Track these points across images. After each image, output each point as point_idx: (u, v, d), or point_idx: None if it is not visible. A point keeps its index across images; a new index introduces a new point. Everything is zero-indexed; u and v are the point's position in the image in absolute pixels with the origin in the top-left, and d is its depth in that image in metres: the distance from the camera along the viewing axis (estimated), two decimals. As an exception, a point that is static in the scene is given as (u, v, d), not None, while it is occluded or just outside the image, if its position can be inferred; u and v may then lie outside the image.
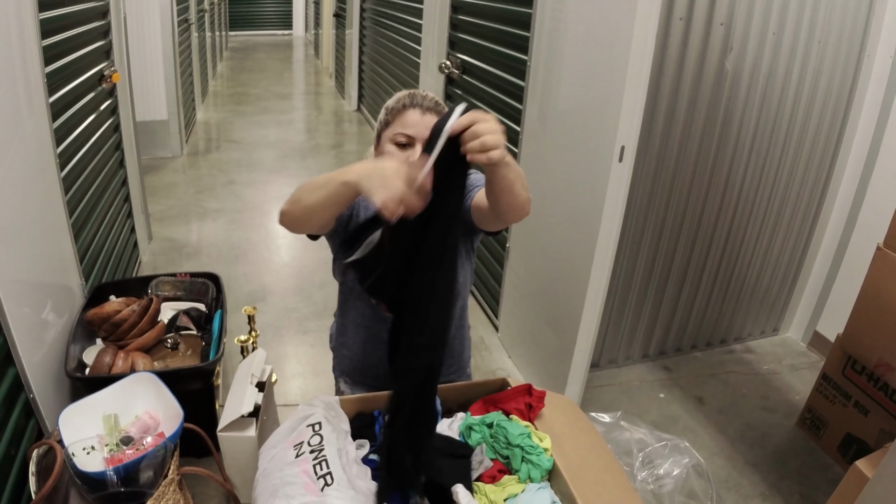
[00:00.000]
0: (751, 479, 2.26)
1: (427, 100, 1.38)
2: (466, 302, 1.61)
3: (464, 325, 1.67)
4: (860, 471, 1.66)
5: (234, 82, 9.27)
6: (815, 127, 2.66)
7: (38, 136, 1.86)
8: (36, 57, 1.87)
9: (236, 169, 5.32)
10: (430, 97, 1.39)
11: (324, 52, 10.33)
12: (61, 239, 2.02)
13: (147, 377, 1.58)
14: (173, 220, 4.20)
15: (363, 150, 6.10)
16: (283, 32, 15.21)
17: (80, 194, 2.36)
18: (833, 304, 2.96)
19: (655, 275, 2.71)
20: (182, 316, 2.16)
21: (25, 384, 1.55)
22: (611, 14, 1.94)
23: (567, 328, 2.32)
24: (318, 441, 1.17)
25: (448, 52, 3.52)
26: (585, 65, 2.12)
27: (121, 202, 3.13)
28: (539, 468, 1.21)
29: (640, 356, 2.93)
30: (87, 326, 1.99)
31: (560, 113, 2.31)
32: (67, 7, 2.32)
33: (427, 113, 1.36)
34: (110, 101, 3.00)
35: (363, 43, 7.03)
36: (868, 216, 2.73)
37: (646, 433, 2.10)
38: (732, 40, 2.30)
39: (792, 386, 2.80)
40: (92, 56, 2.66)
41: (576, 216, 2.23)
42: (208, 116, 7.12)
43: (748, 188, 2.68)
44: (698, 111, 2.38)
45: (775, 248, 2.93)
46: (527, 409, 1.36)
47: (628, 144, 1.96)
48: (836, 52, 2.54)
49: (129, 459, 1.32)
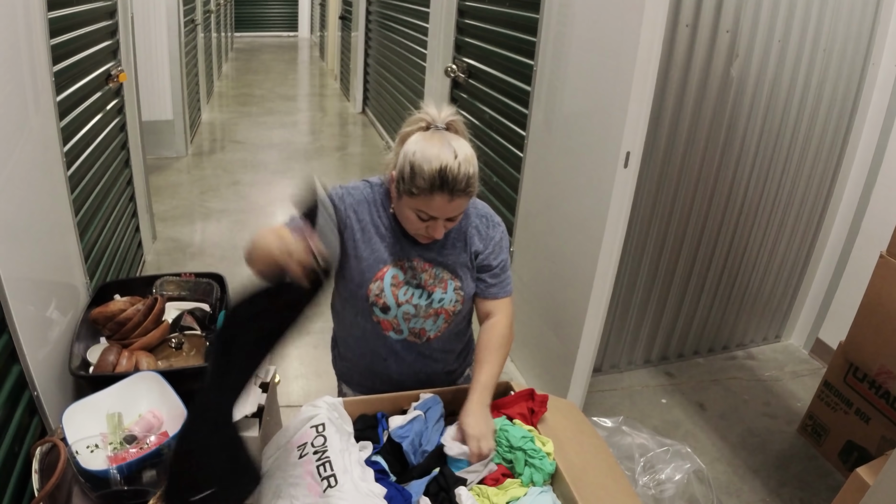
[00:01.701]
0: (752, 485, 2.26)
1: (458, 181, 1.25)
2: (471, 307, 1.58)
3: (469, 329, 1.67)
4: (861, 478, 1.66)
5: (239, 83, 9.29)
6: (819, 134, 2.66)
7: (44, 134, 1.87)
8: (44, 56, 1.88)
9: (241, 169, 5.33)
10: (462, 175, 1.26)
11: (329, 54, 10.35)
12: (67, 237, 2.03)
13: (151, 376, 1.58)
14: (177, 220, 4.21)
15: (367, 153, 6.11)
16: (289, 34, 15.24)
17: (85, 193, 2.36)
18: (835, 311, 2.96)
19: (658, 280, 2.71)
20: (186, 316, 2.16)
21: (30, 382, 1.55)
22: (617, 20, 1.94)
23: (570, 332, 2.32)
24: (322, 442, 1.18)
25: (454, 56, 3.52)
26: (591, 70, 2.12)
27: (126, 201, 3.14)
28: (541, 472, 1.21)
29: (643, 361, 2.93)
30: (91, 325, 1.99)
31: (566, 118, 2.31)
32: (76, 6, 2.33)
33: (456, 198, 1.27)
34: (117, 100, 3.00)
35: (368, 45, 7.04)
36: (871, 224, 2.73)
37: (647, 438, 2.10)
38: (738, 47, 2.31)
39: (793, 392, 2.80)
40: (99, 55, 2.67)
41: (580, 221, 2.23)
42: (213, 117, 7.14)
43: (752, 195, 2.68)
44: (703, 117, 2.38)
45: (778, 255, 2.93)
46: (529, 414, 1.36)
47: (633, 150, 1.96)
48: (840, 60, 2.54)
49: (132, 458, 1.32)
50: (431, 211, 1.28)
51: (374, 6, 6.59)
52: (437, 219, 1.30)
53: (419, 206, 1.29)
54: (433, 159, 1.24)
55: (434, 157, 1.24)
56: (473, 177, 1.28)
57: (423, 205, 1.28)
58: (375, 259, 1.42)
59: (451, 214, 1.31)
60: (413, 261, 1.43)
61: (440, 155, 1.24)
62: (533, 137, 2.58)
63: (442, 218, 1.30)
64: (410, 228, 1.37)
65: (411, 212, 1.31)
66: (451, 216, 1.32)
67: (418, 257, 1.43)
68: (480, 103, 3.20)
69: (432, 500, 1.14)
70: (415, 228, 1.35)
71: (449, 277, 1.44)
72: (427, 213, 1.29)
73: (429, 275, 1.43)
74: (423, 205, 1.28)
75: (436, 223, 1.31)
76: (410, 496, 1.11)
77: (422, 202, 1.28)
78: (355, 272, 1.43)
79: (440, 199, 1.26)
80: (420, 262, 1.43)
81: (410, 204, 1.30)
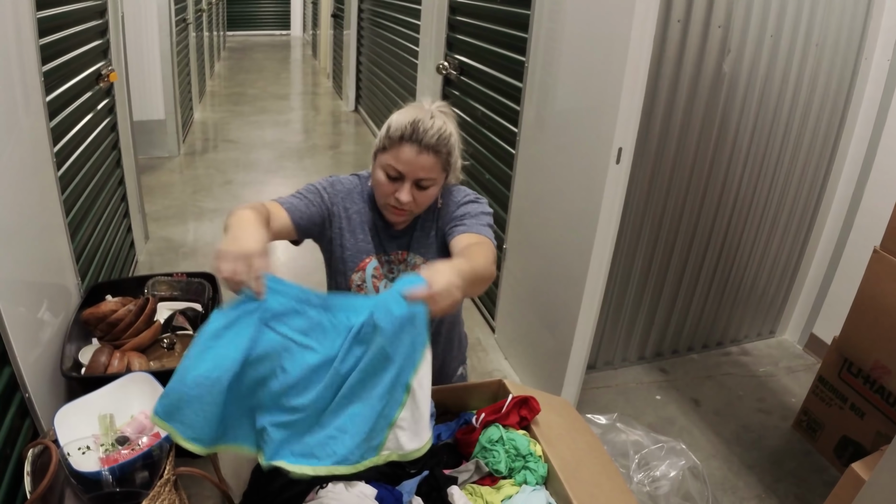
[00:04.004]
0: (747, 481, 2.26)
1: (429, 135, 1.29)
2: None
3: (458, 325, 1.67)
4: (856, 473, 1.67)
5: (231, 82, 9.27)
6: (812, 129, 2.67)
7: (34, 134, 1.85)
8: (33, 55, 1.87)
9: (233, 169, 5.31)
10: (433, 131, 1.29)
11: (321, 53, 10.33)
12: (57, 238, 2.02)
13: (143, 377, 1.57)
14: (170, 220, 4.20)
15: (360, 151, 6.10)
16: (281, 33, 15.21)
17: (76, 193, 2.35)
18: (829, 306, 2.96)
19: (652, 276, 2.71)
20: (178, 316, 2.16)
21: (21, 383, 1.54)
22: (608, 16, 1.94)
23: (564, 329, 2.32)
24: (315, 442, 1.17)
25: (446, 53, 3.51)
26: (583, 66, 2.12)
27: (117, 202, 3.12)
28: (535, 473, 1.21)
29: (637, 358, 2.93)
30: (82, 326, 1.98)
31: (557, 114, 2.31)
32: (65, 6, 2.31)
33: (424, 152, 1.29)
34: (107, 100, 2.99)
35: (361, 44, 7.03)
36: (865, 219, 2.73)
37: (642, 435, 2.10)
38: (730, 43, 2.31)
39: (788, 388, 2.80)
40: (89, 55, 2.66)
41: (573, 217, 2.23)
42: (205, 116, 7.11)
43: (745, 190, 2.68)
44: (696, 113, 2.38)
45: (772, 251, 2.94)
46: (521, 422, 1.36)
47: (625, 146, 1.96)
48: (833, 55, 2.54)
49: (124, 459, 1.32)
50: (399, 164, 1.29)
51: (366, 4, 6.57)
52: (404, 178, 1.30)
53: (388, 161, 1.31)
54: (407, 115, 1.30)
55: (408, 113, 1.31)
56: (446, 137, 1.31)
57: (392, 158, 1.30)
58: (358, 249, 1.43)
59: (418, 173, 1.30)
60: (391, 254, 1.45)
61: (415, 113, 1.31)
62: (525, 134, 2.57)
63: (409, 177, 1.30)
64: (381, 197, 1.36)
65: (381, 172, 1.33)
66: (420, 177, 1.31)
67: (396, 249, 1.46)
68: (472, 100, 3.19)
69: (424, 500, 1.13)
70: (384, 194, 1.34)
71: (422, 262, 1.45)
72: (395, 166, 1.30)
73: (405, 265, 1.45)
74: (392, 158, 1.30)
75: (403, 185, 1.31)
76: (401, 496, 1.10)
77: (391, 155, 1.30)
78: (339, 262, 1.44)
79: (408, 150, 1.28)
80: (397, 254, 1.46)
81: (381, 161, 1.33)
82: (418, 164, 1.29)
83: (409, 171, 1.30)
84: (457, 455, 1.30)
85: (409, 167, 1.29)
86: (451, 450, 1.31)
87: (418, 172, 1.30)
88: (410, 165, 1.29)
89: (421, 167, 1.29)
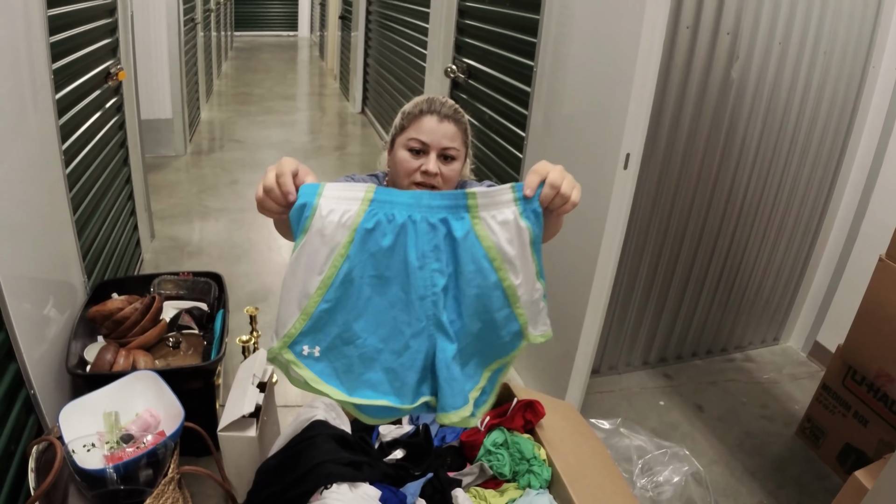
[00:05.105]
0: (749, 488, 2.26)
1: (446, 107, 1.34)
2: None
3: None
4: (859, 481, 1.66)
5: (238, 82, 9.28)
6: (818, 137, 2.66)
7: (43, 132, 1.86)
8: (43, 53, 1.88)
9: (239, 168, 5.32)
10: (449, 104, 1.35)
11: (329, 54, 10.34)
12: (64, 235, 2.03)
13: (148, 375, 1.58)
14: (176, 219, 4.20)
15: (366, 153, 6.10)
16: (289, 33, 15.23)
17: (83, 191, 2.36)
18: (834, 314, 2.96)
19: (657, 282, 2.70)
20: (184, 315, 2.16)
21: (26, 380, 1.55)
22: (618, 21, 1.94)
23: (569, 334, 2.32)
24: (319, 442, 1.17)
25: (454, 57, 3.52)
26: (591, 71, 2.12)
27: (124, 200, 3.13)
28: (539, 477, 1.21)
29: (641, 363, 2.93)
30: (88, 324, 1.99)
31: (565, 119, 2.31)
32: (75, 4, 2.32)
33: (445, 121, 1.32)
34: (116, 98, 3.00)
35: (368, 45, 7.04)
36: (870, 227, 2.73)
37: (645, 440, 2.10)
38: (738, 49, 2.31)
39: (792, 395, 2.80)
40: (98, 53, 2.67)
41: (579, 222, 2.23)
42: (212, 116, 7.13)
43: (751, 197, 2.68)
44: (703, 119, 2.38)
45: (777, 258, 2.93)
46: (525, 424, 1.36)
47: (633, 152, 1.96)
48: (841, 63, 2.54)
49: (129, 457, 1.32)
50: (422, 135, 1.32)
51: (375, 6, 6.58)
52: (429, 149, 1.32)
53: (410, 135, 1.33)
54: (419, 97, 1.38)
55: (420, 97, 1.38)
56: (461, 112, 1.37)
57: (413, 131, 1.33)
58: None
59: (442, 142, 1.32)
60: None
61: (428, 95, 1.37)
62: (532, 138, 2.57)
63: (434, 147, 1.32)
64: (405, 176, 1.37)
65: (405, 150, 1.34)
66: (444, 146, 1.33)
67: None
68: (480, 104, 3.19)
69: (428, 502, 1.13)
70: (409, 172, 1.35)
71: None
72: (418, 138, 1.32)
73: None
74: (413, 131, 1.33)
75: (428, 157, 1.32)
76: (406, 497, 1.10)
77: (413, 130, 1.33)
78: None
79: (429, 120, 1.31)
80: None
81: (402, 140, 1.35)
82: (441, 131, 1.31)
83: (433, 139, 1.32)
84: (461, 458, 1.30)
85: (432, 136, 1.31)
86: (455, 452, 1.31)
87: (442, 141, 1.32)
88: (433, 134, 1.31)
89: (444, 135, 1.32)
